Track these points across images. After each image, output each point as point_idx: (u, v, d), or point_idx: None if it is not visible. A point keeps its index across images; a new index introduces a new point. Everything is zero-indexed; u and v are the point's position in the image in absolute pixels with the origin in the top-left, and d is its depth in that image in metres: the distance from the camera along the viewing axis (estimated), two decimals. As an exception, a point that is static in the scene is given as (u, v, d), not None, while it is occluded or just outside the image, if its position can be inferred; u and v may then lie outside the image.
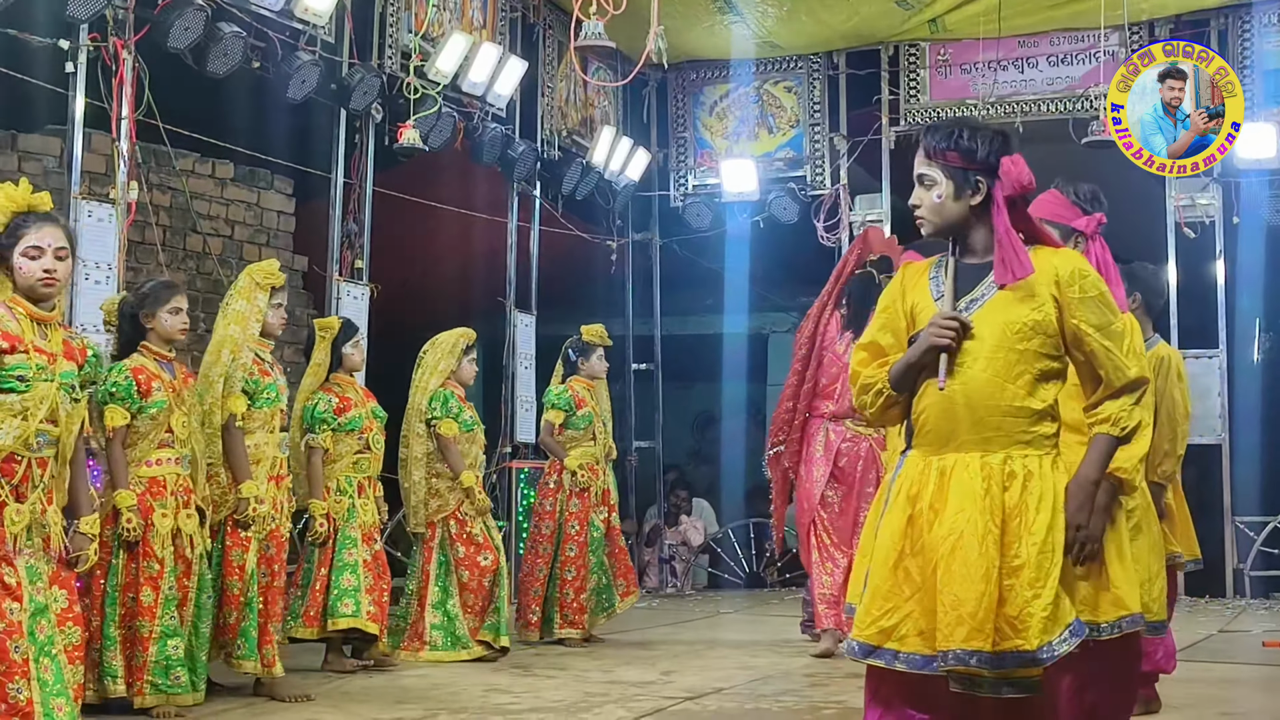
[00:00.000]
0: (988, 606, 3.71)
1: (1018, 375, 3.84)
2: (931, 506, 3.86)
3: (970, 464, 3.83)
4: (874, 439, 8.62)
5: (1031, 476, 3.81)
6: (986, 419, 3.84)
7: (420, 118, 10.37)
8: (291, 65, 9.26)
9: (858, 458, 8.74)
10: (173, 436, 6.47)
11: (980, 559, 3.74)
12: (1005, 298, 3.88)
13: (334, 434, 7.90)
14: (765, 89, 14.04)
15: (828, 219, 13.51)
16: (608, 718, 6.52)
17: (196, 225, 10.01)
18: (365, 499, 7.99)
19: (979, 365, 3.85)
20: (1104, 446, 3.90)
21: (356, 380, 8.25)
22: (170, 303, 6.53)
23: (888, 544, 3.92)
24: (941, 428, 3.89)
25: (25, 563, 4.82)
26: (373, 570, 7.90)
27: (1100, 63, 12.48)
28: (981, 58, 12.96)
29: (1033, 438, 3.85)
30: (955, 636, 3.72)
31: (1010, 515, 3.79)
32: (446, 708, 6.78)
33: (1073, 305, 3.85)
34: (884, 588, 3.89)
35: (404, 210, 11.07)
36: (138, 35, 8.27)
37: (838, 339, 8.82)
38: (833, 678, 7.77)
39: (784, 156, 13.90)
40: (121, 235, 8.24)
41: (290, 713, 6.60)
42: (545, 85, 12.67)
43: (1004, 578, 3.75)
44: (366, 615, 7.78)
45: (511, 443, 11.90)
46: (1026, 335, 3.84)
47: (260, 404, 6.93)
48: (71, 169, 8.20)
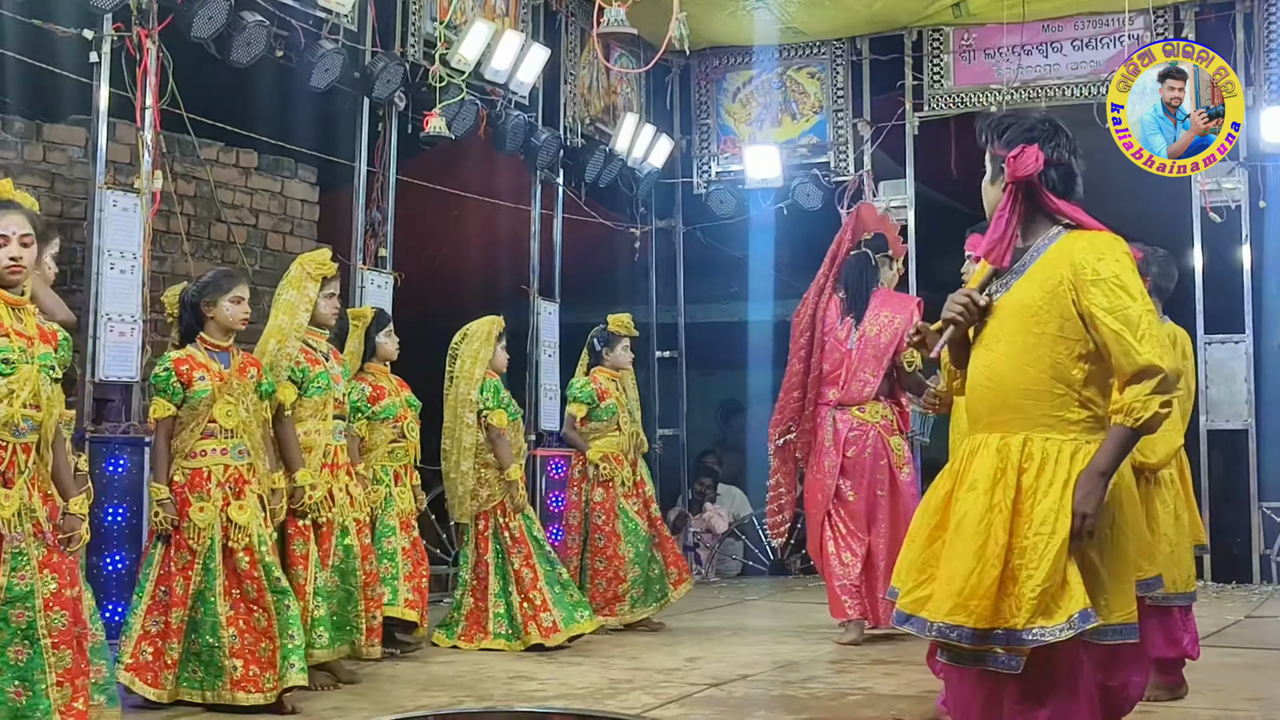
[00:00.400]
0: (974, 585, 3.77)
1: (1037, 359, 3.86)
2: (960, 484, 3.95)
3: (990, 444, 3.90)
4: (881, 425, 8.61)
5: (1049, 460, 3.83)
6: (1007, 400, 3.89)
7: (443, 106, 10.38)
8: (315, 54, 9.27)
9: (866, 445, 8.61)
10: (217, 426, 6.42)
11: (976, 536, 3.80)
12: (1025, 281, 3.93)
13: (369, 422, 7.93)
14: (788, 75, 13.99)
15: (852, 205, 13.45)
16: (634, 704, 6.52)
17: (221, 214, 10.03)
18: (402, 487, 8.02)
19: (1000, 347, 3.93)
20: (1119, 437, 3.83)
21: (389, 370, 8.27)
22: (232, 291, 6.52)
23: (925, 516, 4.05)
24: (974, 409, 4.01)
25: (12, 548, 4.87)
26: (411, 557, 7.94)
27: (1125, 46, 12.41)
28: (1005, 42, 12.90)
29: (1055, 421, 3.86)
30: (942, 609, 3.82)
31: (1024, 497, 3.83)
32: (472, 694, 6.80)
33: (1084, 287, 3.84)
34: (919, 559, 4.01)
35: (427, 199, 11.08)
36: (161, 25, 8.28)
37: (838, 324, 8.71)
38: (858, 664, 7.77)
39: (807, 143, 13.86)
40: (146, 225, 8.26)
41: (317, 700, 6.61)
42: (568, 72, 12.66)
43: (1014, 558, 3.79)
44: (404, 602, 7.82)
45: (535, 431, 11.90)
46: (1041, 319, 3.87)
47: (310, 393, 6.96)
48: (96, 159, 8.22)
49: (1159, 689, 6.43)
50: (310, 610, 6.76)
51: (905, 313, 8.63)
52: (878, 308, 8.68)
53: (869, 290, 8.76)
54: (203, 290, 6.54)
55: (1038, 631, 3.74)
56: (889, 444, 8.61)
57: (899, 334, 8.51)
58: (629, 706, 6.45)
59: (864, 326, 8.65)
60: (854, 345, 8.63)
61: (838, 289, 8.78)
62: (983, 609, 3.75)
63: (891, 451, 8.63)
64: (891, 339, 8.58)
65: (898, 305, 8.77)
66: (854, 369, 8.61)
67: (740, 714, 6.37)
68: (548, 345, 12.28)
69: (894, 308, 8.71)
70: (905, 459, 8.70)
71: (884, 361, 8.61)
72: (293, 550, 6.83)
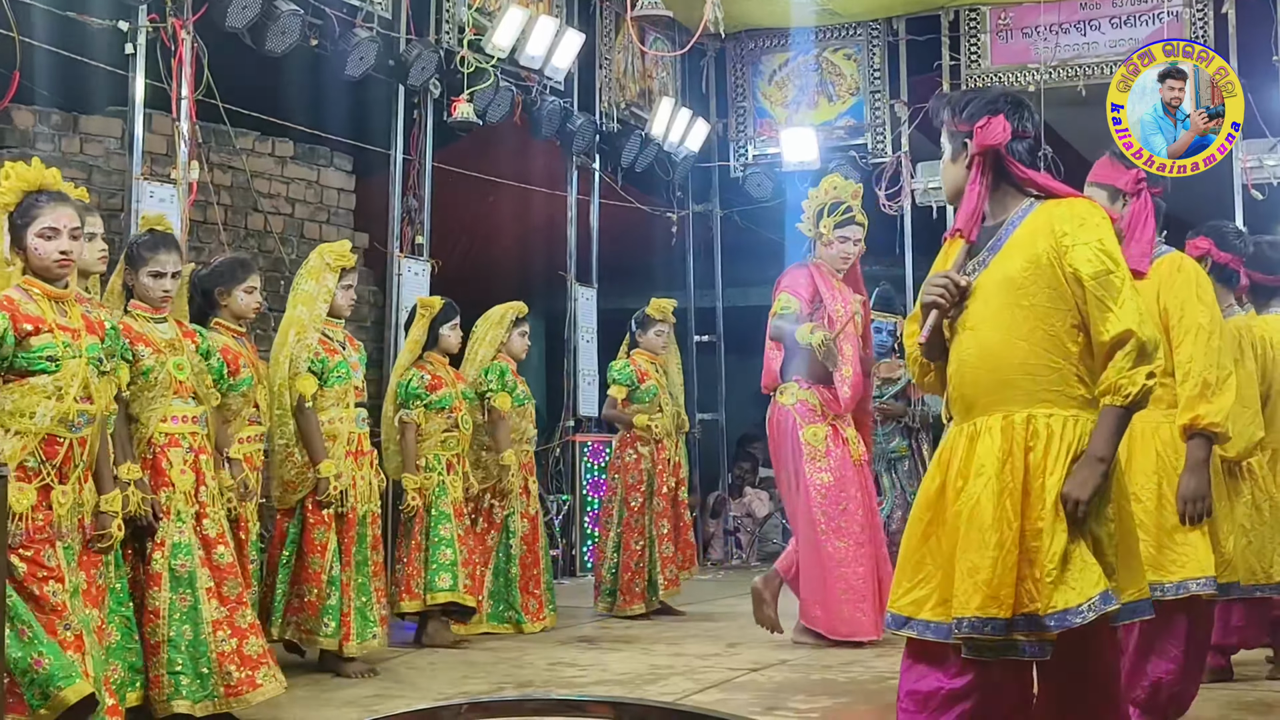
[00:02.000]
0: (1002, 573, 3.63)
1: (1029, 332, 3.75)
2: (960, 473, 3.80)
3: (993, 426, 3.76)
4: (796, 409, 7.88)
5: (1054, 436, 3.71)
6: (1004, 379, 3.77)
7: (477, 91, 10.37)
8: (349, 42, 9.28)
9: (783, 432, 7.95)
10: (258, 412, 6.53)
11: (995, 525, 3.66)
12: (1004, 255, 3.83)
13: (425, 411, 7.95)
14: (824, 57, 13.94)
15: (889, 187, 13.42)
16: (674, 690, 6.51)
17: (257, 204, 10.04)
18: (454, 476, 8.04)
19: (988, 325, 3.80)
20: (1111, 419, 3.69)
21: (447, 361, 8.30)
22: (246, 281, 6.56)
23: (918, 514, 3.91)
24: (965, 393, 3.86)
25: (64, 544, 4.88)
26: (466, 545, 7.96)
27: (1164, 23, 12.31)
28: (1043, 21, 12.81)
29: (1056, 396, 3.75)
30: (971, 604, 3.65)
31: (1033, 476, 3.70)
32: (512, 680, 6.81)
33: (1066, 252, 3.75)
34: (914, 558, 3.87)
35: (464, 185, 11.08)
36: (196, 15, 8.30)
37: None
38: (899, 647, 7.72)
39: (844, 125, 13.81)
40: (184, 215, 8.29)
41: (357, 688, 6.64)
42: (603, 57, 12.64)
43: (1029, 540, 3.66)
44: (463, 588, 7.85)
45: (574, 416, 11.90)
46: (1028, 291, 3.76)
47: (331, 383, 6.95)
48: (133, 150, 8.25)
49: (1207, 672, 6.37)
50: (322, 597, 6.79)
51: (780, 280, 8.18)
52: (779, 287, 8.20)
53: None
54: (216, 278, 6.56)
55: (1060, 615, 3.60)
56: (802, 433, 7.88)
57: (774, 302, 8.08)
58: (669, 692, 6.44)
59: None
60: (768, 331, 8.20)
61: None
62: (1011, 597, 3.63)
63: (805, 443, 7.87)
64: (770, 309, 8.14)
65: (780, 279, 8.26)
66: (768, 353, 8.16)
67: (779, 699, 6.35)
68: (585, 331, 12.28)
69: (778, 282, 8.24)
70: (821, 453, 7.86)
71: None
72: (312, 539, 6.84)
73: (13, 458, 4.75)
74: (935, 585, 3.81)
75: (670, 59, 13.51)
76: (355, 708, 6.17)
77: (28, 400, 4.80)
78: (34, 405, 4.80)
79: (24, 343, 4.81)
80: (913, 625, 3.84)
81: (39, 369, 4.83)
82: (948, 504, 3.82)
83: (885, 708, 6.15)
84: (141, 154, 8.26)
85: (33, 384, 4.83)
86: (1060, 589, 3.61)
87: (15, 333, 4.79)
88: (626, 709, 2.53)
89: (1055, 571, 3.61)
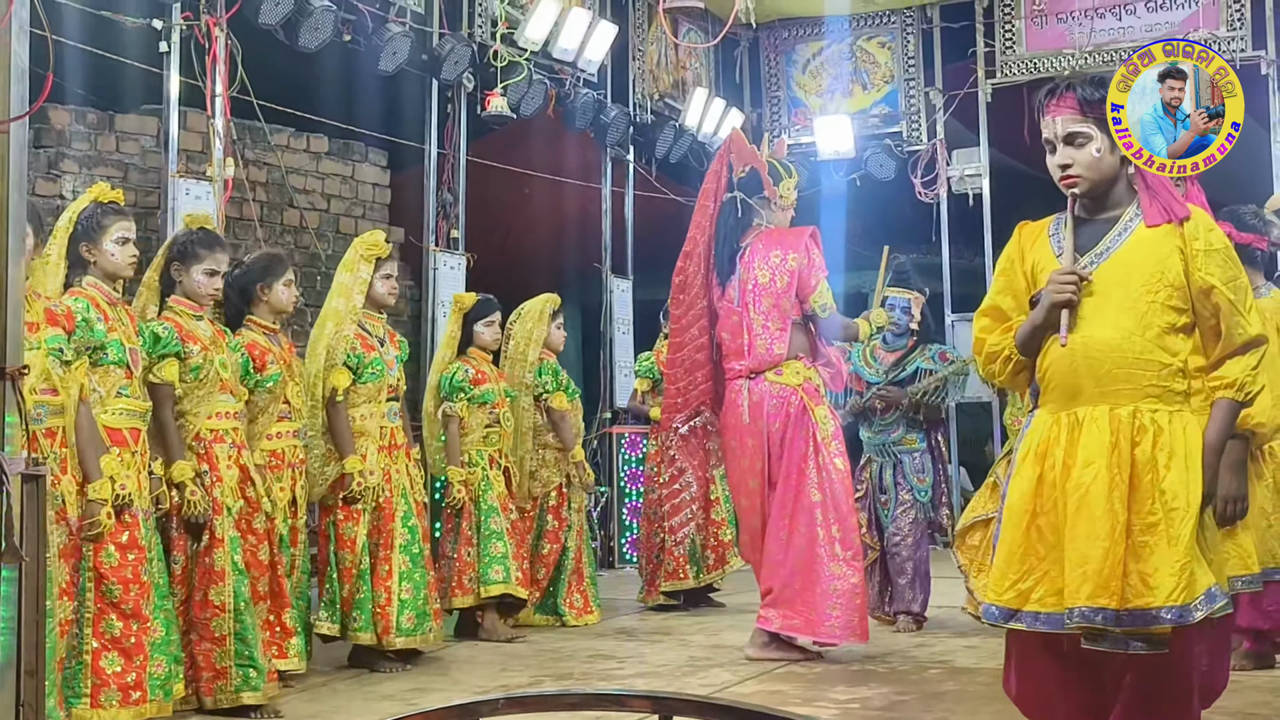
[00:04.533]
0: (1113, 564, 3.66)
1: (1145, 327, 3.80)
2: (1063, 463, 3.82)
3: (1099, 417, 3.79)
4: (804, 389, 7.07)
5: (1161, 431, 3.75)
6: (1113, 372, 3.79)
7: (511, 84, 10.37)
8: (382, 37, 9.30)
9: (788, 416, 7.05)
10: (290, 408, 6.48)
11: (1106, 515, 3.70)
12: (1131, 251, 3.86)
13: (469, 404, 7.95)
14: (858, 45, 13.90)
15: (925, 175, 13.38)
16: (713, 681, 6.50)
17: (293, 200, 10.08)
18: (496, 471, 8.05)
19: (1105, 318, 3.82)
20: (1227, 411, 3.83)
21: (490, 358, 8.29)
22: (285, 275, 6.53)
23: (1018, 505, 3.89)
24: (1067, 383, 3.86)
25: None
26: (513, 538, 7.98)
27: (1200, 6, 12.23)
28: (1078, 5, 12.75)
29: (1162, 392, 3.79)
30: (1081, 593, 3.68)
31: (1141, 470, 3.74)
32: (551, 674, 6.81)
33: (1198, 257, 3.82)
34: (1018, 550, 3.86)
35: (498, 179, 11.09)
36: (230, 12, 8.33)
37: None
38: (940, 636, 7.71)
39: (879, 113, 13.77)
40: (219, 212, 8.32)
41: (395, 681, 6.65)
42: (636, 49, 12.63)
43: (1138, 534, 3.69)
44: (515, 580, 7.87)
45: (611, 408, 11.90)
46: (1153, 287, 3.81)
47: (365, 379, 6.88)
48: (168, 148, 8.29)
49: (1246, 658, 6.36)
50: (353, 592, 6.80)
51: (798, 248, 7.16)
52: (765, 250, 7.20)
53: (735, 244, 7.32)
54: (255, 274, 6.52)
55: (1178, 610, 3.64)
56: (813, 414, 7.06)
57: (795, 273, 7.09)
58: (709, 684, 6.43)
59: (754, 275, 7.16)
60: (748, 300, 7.16)
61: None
62: (1120, 588, 3.66)
63: (816, 424, 7.05)
64: (790, 280, 7.09)
65: (786, 242, 7.24)
66: (756, 328, 7.14)
67: (819, 689, 6.34)
68: (621, 322, 12.27)
69: (783, 245, 7.21)
70: (832, 433, 7.09)
71: (787, 310, 7.11)
72: (341, 534, 6.83)
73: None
74: (1042, 576, 3.81)
75: (703, 49, 13.49)
76: (393, 701, 6.18)
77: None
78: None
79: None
80: (1021, 617, 3.84)
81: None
82: (1049, 492, 3.84)
83: (926, 696, 6.14)
84: (177, 151, 8.31)
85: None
86: (1178, 583, 3.65)
87: None
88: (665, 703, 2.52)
89: (1179, 566, 3.65)
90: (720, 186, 7.34)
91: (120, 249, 5.44)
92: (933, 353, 8.20)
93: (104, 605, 5.22)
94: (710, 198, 7.33)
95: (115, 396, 5.38)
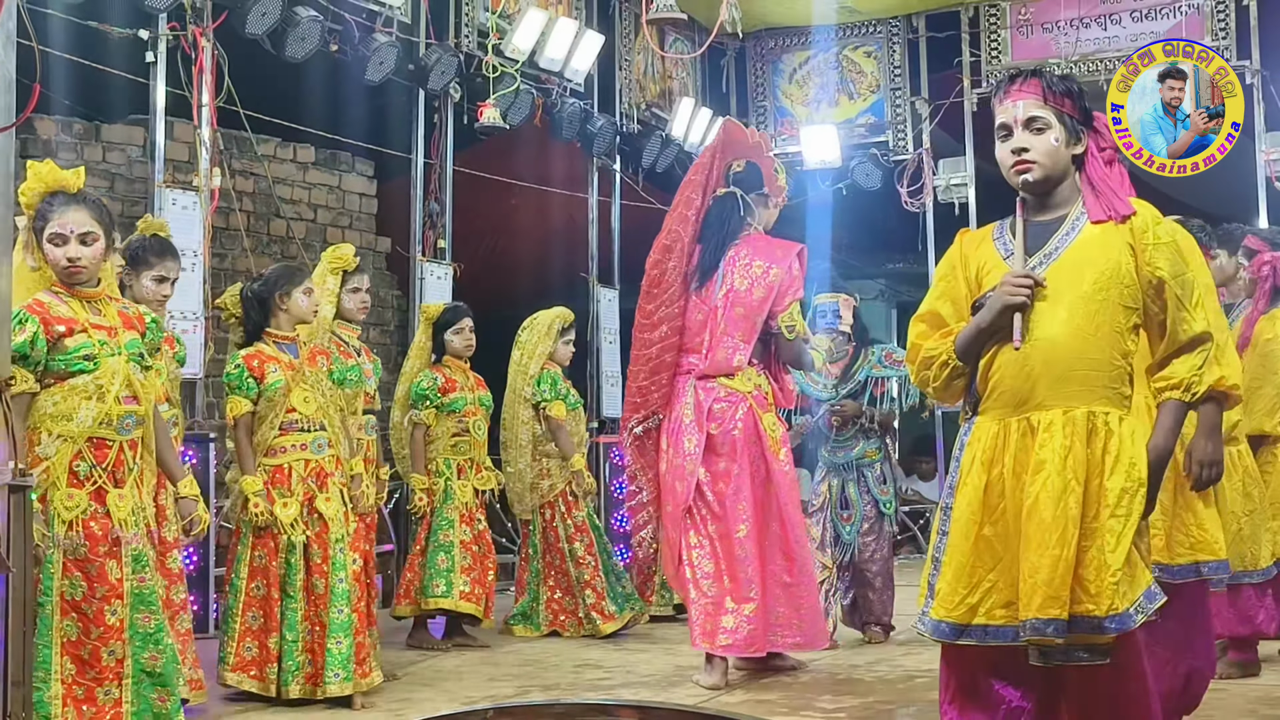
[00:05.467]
0: (1063, 573, 3.59)
1: (1098, 327, 3.73)
2: (1012, 471, 3.74)
3: (1053, 421, 3.71)
4: (754, 396, 6.72)
5: (1112, 434, 3.69)
6: (1069, 374, 3.72)
7: (498, 96, 10.39)
8: (369, 47, 9.30)
9: (735, 422, 6.67)
10: (299, 416, 6.31)
11: (1055, 522, 3.61)
12: (1080, 250, 3.79)
13: (436, 413, 7.95)
14: (845, 55, 13.94)
15: (911, 184, 13.41)
16: (699, 691, 6.50)
17: (279, 210, 10.09)
18: (464, 481, 8.03)
19: (1058, 319, 3.74)
20: (1175, 414, 3.79)
21: (468, 366, 8.24)
22: (303, 284, 6.47)
23: (965, 516, 3.79)
24: (1019, 388, 3.76)
25: (133, 550, 4.82)
26: (472, 551, 7.95)
27: (1185, 16, 12.27)
28: (1064, 15, 12.79)
29: (1113, 395, 3.74)
30: (1033, 605, 3.61)
31: (1092, 474, 3.67)
32: (539, 684, 6.81)
33: (1147, 251, 3.75)
34: (966, 563, 3.77)
35: (485, 189, 11.10)
36: (216, 23, 8.34)
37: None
38: (927, 645, 7.71)
39: (865, 122, 13.80)
40: (206, 222, 8.33)
41: (385, 693, 6.62)
42: (623, 58, 12.64)
43: (1081, 539, 3.62)
44: (459, 595, 7.84)
45: (597, 418, 11.90)
46: (1105, 285, 3.74)
47: (343, 388, 6.90)
48: (155, 158, 8.29)
49: (1232, 666, 6.38)
50: None
51: (783, 264, 6.76)
52: (749, 257, 6.80)
53: (732, 239, 6.91)
54: (274, 284, 6.46)
55: (1119, 619, 3.59)
56: (761, 422, 6.72)
57: (773, 288, 6.71)
58: (695, 694, 6.44)
59: (732, 280, 6.76)
60: (719, 303, 6.77)
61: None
62: (1068, 597, 3.59)
63: (765, 433, 6.72)
64: (767, 294, 6.71)
65: (773, 255, 6.83)
66: (720, 333, 6.76)
67: (805, 698, 6.34)
68: (608, 332, 12.28)
69: (769, 257, 6.80)
70: (780, 441, 6.76)
71: (757, 323, 6.75)
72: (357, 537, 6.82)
73: (59, 463, 4.71)
74: (992, 588, 3.74)
75: (690, 59, 13.51)
76: (380, 712, 6.18)
77: (69, 403, 4.71)
78: (75, 408, 4.71)
79: (58, 344, 4.75)
80: (971, 633, 3.76)
81: (76, 369, 4.73)
82: (996, 501, 3.76)
83: (911, 704, 6.15)
84: (163, 162, 8.30)
85: (72, 385, 4.74)
86: (1119, 590, 3.59)
87: (47, 335, 4.71)
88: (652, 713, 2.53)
89: (1118, 574, 3.60)
90: (711, 180, 6.94)
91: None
92: (878, 355, 7.97)
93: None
94: (698, 190, 6.90)
95: None
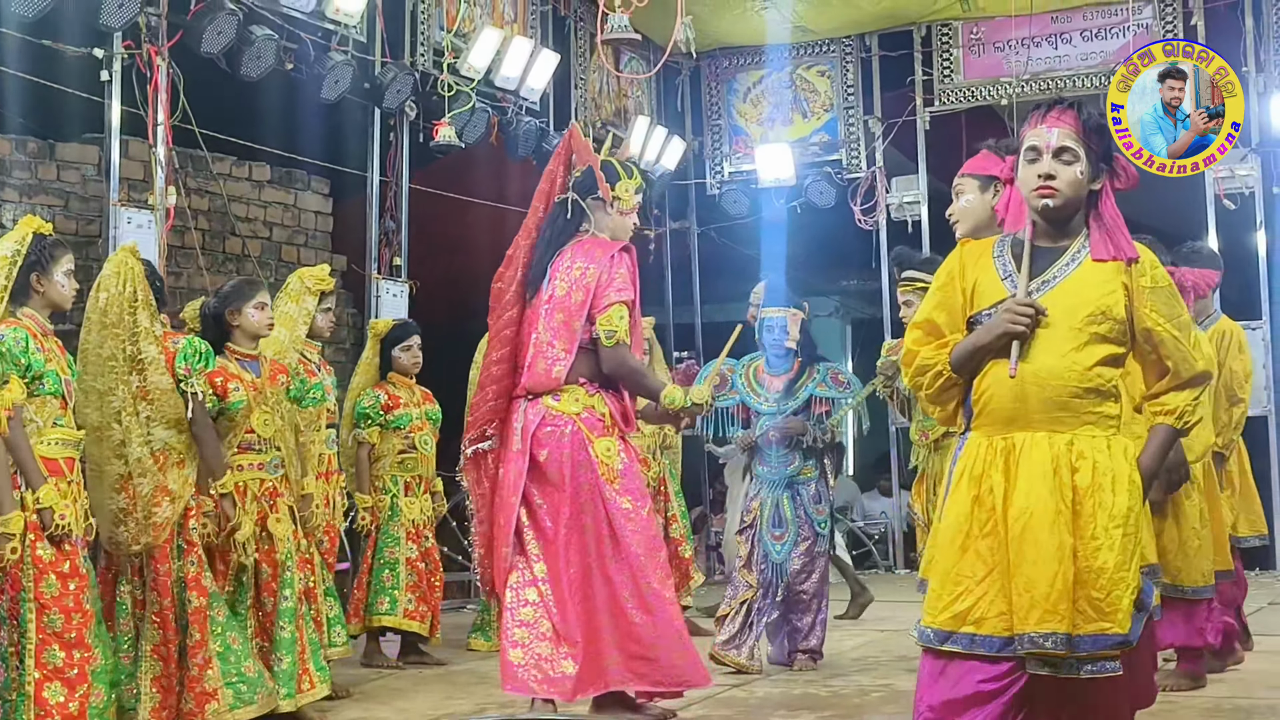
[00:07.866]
0: (1060, 588, 3.71)
1: (1087, 357, 3.84)
2: (1001, 487, 3.85)
3: (1039, 443, 3.82)
4: (582, 419, 5.94)
5: (1101, 457, 3.81)
6: (1056, 399, 3.83)
7: (454, 114, 10.41)
8: (324, 66, 9.31)
9: (563, 445, 5.91)
10: (255, 438, 6.35)
11: (1051, 539, 3.74)
12: (1078, 281, 3.89)
13: (381, 431, 7.97)
14: (798, 74, 14.02)
15: (864, 202, 13.50)
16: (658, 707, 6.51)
17: (235, 228, 10.07)
18: (411, 498, 8.04)
19: (1052, 347, 3.85)
20: (1165, 437, 3.96)
21: (414, 383, 8.24)
22: (255, 298, 6.45)
23: (953, 526, 3.91)
24: (1008, 408, 3.88)
25: None
26: (418, 569, 7.95)
27: (1133, 35, 12.41)
28: (1015, 35, 12.91)
29: (1098, 418, 3.85)
30: (1030, 619, 3.72)
31: (1083, 496, 3.79)
32: (496, 701, 6.80)
33: (1143, 294, 3.88)
34: (953, 571, 3.88)
35: (441, 206, 11.11)
36: (171, 41, 8.32)
37: None
38: (882, 661, 7.77)
39: (819, 141, 13.89)
40: (161, 240, 8.30)
41: (340, 711, 6.63)
42: (578, 77, 12.69)
43: (1085, 559, 3.74)
44: (403, 613, 7.85)
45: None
46: (1097, 319, 3.85)
47: (307, 404, 6.92)
48: (110, 176, 8.27)
49: (1181, 678, 6.46)
50: (324, 611, 6.84)
51: (601, 262, 6.01)
52: (570, 261, 6.08)
53: (558, 244, 6.20)
54: (226, 300, 6.48)
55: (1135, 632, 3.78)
56: (592, 447, 5.93)
57: (590, 289, 5.97)
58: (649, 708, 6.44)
59: (554, 286, 6.06)
60: (542, 311, 6.08)
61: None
62: (1069, 612, 3.72)
63: (597, 459, 5.93)
64: (585, 297, 5.97)
65: (592, 254, 6.07)
66: (543, 343, 6.04)
67: (761, 714, 6.38)
68: (564, 349, 12.27)
69: (588, 257, 6.06)
70: (620, 471, 5.93)
71: (576, 329, 5.98)
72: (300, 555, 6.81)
73: None
74: (981, 597, 3.83)
75: (645, 78, 13.57)
76: (338, 730, 6.20)
77: None
78: None
79: None
80: (957, 639, 3.84)
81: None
82: (987, 514, 3.86)
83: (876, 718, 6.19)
84: (118, 180, 8.27)
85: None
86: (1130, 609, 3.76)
87: None
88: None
89: (1129, 590, 3.76)
90: (554, 188, 6.30)
91: (68, 281, 5.47)
92: (823, 374, 7.87)
93: (46, 635, 5.18)
94: (542, 198, 6.30)
95: (52, 426, 5.33)
